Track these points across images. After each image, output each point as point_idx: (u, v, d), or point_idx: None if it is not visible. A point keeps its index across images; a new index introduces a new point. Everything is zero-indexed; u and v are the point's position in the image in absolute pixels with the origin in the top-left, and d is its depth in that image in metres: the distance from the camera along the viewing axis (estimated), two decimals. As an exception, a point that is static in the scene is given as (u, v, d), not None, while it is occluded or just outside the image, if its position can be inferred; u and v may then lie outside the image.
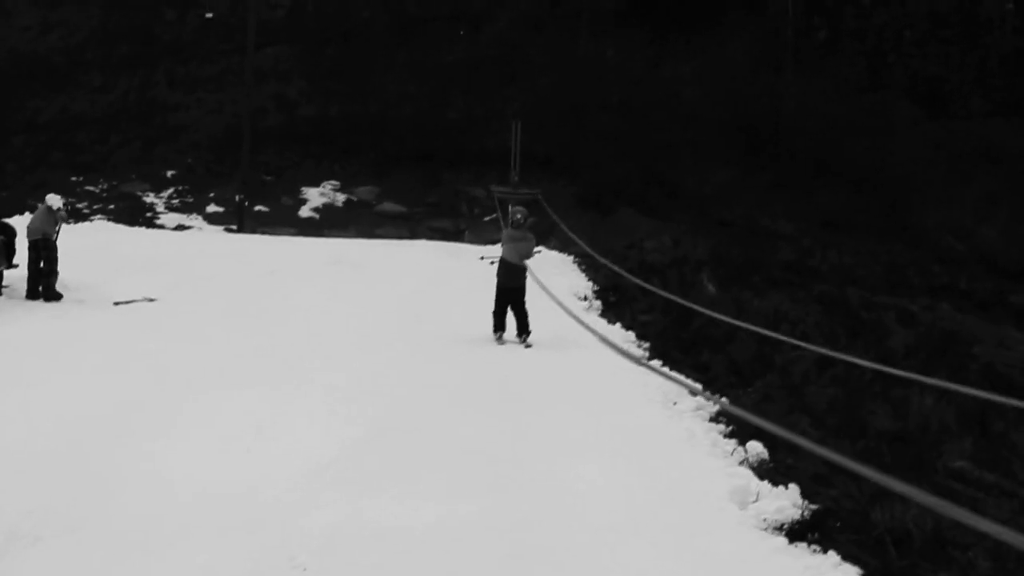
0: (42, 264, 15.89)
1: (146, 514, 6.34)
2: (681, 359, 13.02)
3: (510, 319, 14.21)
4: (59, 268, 15.94)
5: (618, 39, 40.78)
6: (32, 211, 18.41)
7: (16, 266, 16.33)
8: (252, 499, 6.65)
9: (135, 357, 11.15)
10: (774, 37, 40.40)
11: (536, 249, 15.29)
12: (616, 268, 18.17)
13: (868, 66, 40.20)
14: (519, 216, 14.59)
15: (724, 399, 10.13)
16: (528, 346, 13.88)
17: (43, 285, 15.78)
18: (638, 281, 16.20)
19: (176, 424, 8.38)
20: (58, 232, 16.39)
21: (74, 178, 34.48)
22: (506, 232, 14.67)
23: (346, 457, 7.63)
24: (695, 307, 12.78)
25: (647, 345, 14.15)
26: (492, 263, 16.33)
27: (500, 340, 14.10)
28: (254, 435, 8.12)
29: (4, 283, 16.15)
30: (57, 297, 15.71)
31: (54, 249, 16.01)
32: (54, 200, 16.67)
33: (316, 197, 34.61)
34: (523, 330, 14.16)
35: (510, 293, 14.15)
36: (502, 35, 42.52)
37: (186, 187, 34.98)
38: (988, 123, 37.33)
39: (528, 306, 14.23)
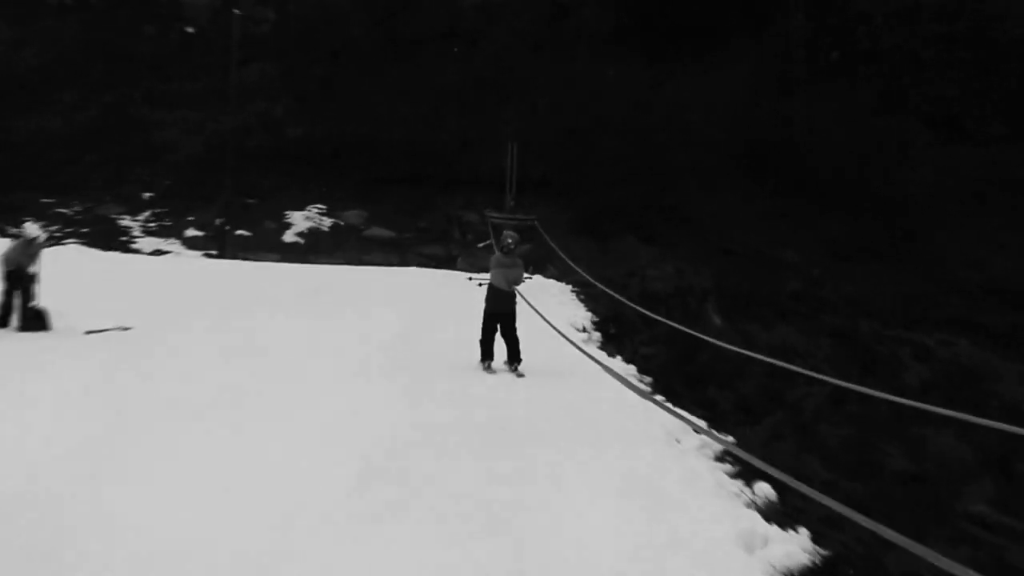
0: (18, 296, 15.85)
1: (111, 563, 6.24)
2: (685, 394, 12.97)
3: (499, 348, 14.19)
4: (37, 299, 15.87)
5: (619, 58, 40.96)
6: (4, 235, 18.33)
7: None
8: (226, 546, 6.55)
9: (104, 391, 11.06)
10: (783, 57, 40.59)
11: (525, 276, 15.30)
12: (620, 297, 18.12)
13: (881, 88, 40.35)
14: (509, 241, 14.60)
15: (730, 438, 10.07)
16: (520, 375, 13.83)
17: (21, 317, 15.74)
18: (644, 311, 16.13)
19: (145, 465, 8.28)
20: (36, 264, 16.31)
21: (46, 200, 34.47)
22: (495, 257, 14.67)
23: (329, 501, 7.55)
24: (706, 338, 12.73)
25: (649, 380, 14.08)
26: (480, 284, 16.35)
27: (489, 369, 14.09)
28: (230, 477, 8.02)
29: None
30: (37, 328, 15.62)
31: (30, 281, 15.95)
32: (32, 230, 16.64)
33: (301, 221, 34.63)
34: (514, 358, 14.14)
35: (499, 319, 14.21)
36: (498, 54, 42.70)
37: (164, 210, 35.00)
38: (1007, 148, 37.42)
39: (519, 333, 14.22)
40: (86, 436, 9.03)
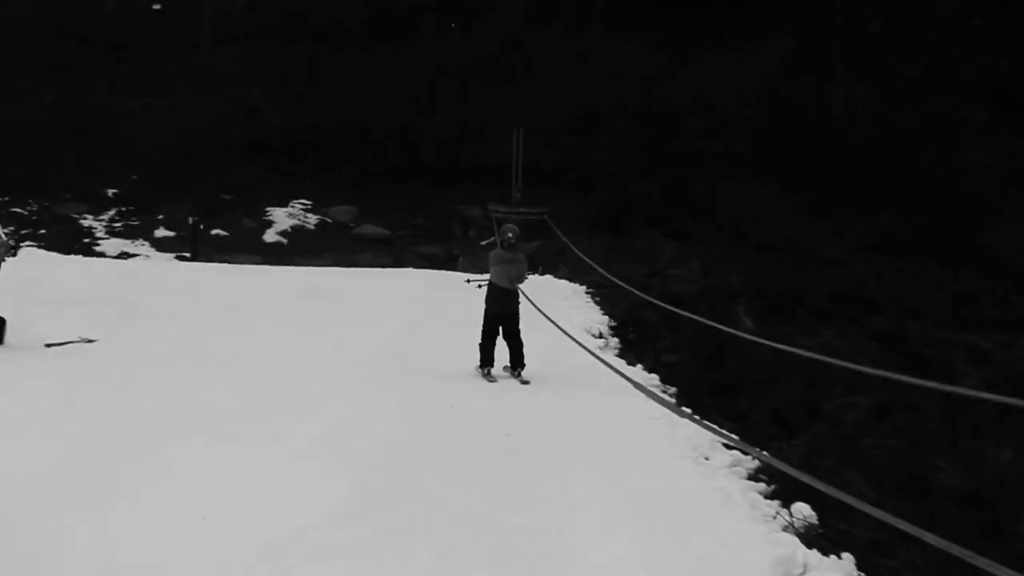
0: None
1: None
2: (713, 406, 13.03)
3: (499, 353, 14.42)
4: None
5: (638, 32, 40.94)
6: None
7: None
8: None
9: (69, 410, 11.08)
10: (820, 29, 40.52)
11: (528, 272, 15.53)
12: (647, 297, 18.10)
13: (930, 62, 40.26)
14: (510, 235, 14.89)
15: (764, 453, 10.12)
16: (525, 382, 14.07)
17: None
18: (676, 310, 16.06)
19: (118, 490, 8.28)
20: None
21: (-2, 199, 34.53)
22: (495, 253, 14.98)
23: (319, 528, 7.55)
24: (750, 336, 12.75)
25: (673, 390, 14.15)
26: (480, 286, 16.57)
27: (488, 375, 14.37)
28: (210, 502, 8.03)
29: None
30: None
31: None
32: None
33: (284, 219, 34.70)
34: (517, 363, 14.43)
35: (501, 320, 14.51)
36: (500, 29, 42.71)
37: (130, 208, 35.04)
38: (1073, 128, 37.31)
39: (523, 336, 14.48)
40: (47, 460, 9.05)
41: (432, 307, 21.27)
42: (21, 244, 30.30)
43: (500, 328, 14.53)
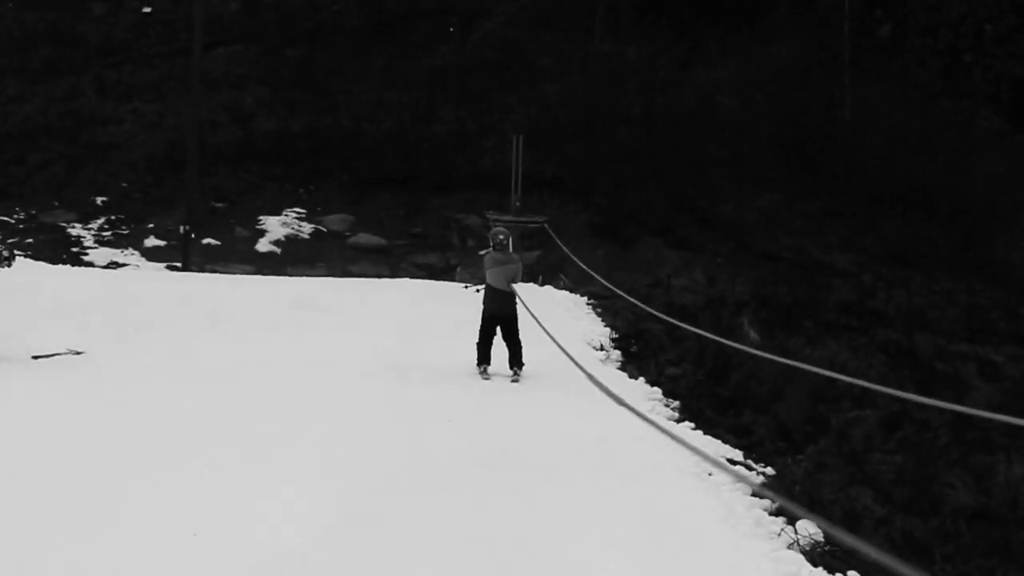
0: None
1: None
2: (717, 420, 13.05)
3: (496, 353, 15.06)
4: None
5: (640, 37, 41.00)
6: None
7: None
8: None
9: (55, 424, 11.08)
10: (828, 33, 40.56)
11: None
12: (649, 309, 18.12)
13: (942, 68, 40.30)
14: (501, 238, 15.73)
15: (769, 468, 10.15)
16: (515, 380, 14.84)
17: None
18: (680, 324, 16.07)
19: (104, 506, 8.25)
20: None
21: (-16, 206, 34.52)
22: (488, 256, 15.71)
23: (312, 546, 7.55)
24: (746, 348, 12.77)
25: (676, 404, 14.15)
26: (478, 291, 16.90)
27: (485, 374, 15.07)
28: (200, 518, 8.02)
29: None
30: None
31: None
32: None
33: (277, 228, 34.68)
34: (516, 362, 15.05)
35: (499, 321, 15.14)
36: (500, 33, 42.75)
37: (120, 216, 35.01)
38: (1087, 136, 37.33)
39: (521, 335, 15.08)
40: (31, 475, 9.04)
41: (427, 318, 21.26)
42: (15, 254, 30.29)
43: (498, 329, 15.13)
